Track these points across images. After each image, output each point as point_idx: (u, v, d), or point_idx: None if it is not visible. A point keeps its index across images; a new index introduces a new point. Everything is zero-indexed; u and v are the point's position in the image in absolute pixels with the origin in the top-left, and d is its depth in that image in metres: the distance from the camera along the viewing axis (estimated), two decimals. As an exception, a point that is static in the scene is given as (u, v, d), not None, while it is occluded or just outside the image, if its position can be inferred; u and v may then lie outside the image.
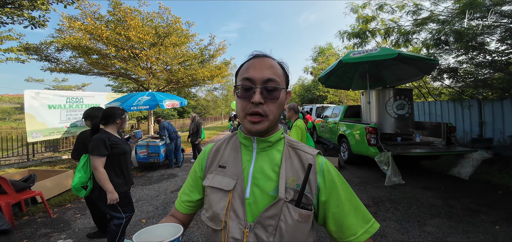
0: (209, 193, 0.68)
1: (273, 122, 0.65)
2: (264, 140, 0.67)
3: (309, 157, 0.66)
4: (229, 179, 0.65)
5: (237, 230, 0.61)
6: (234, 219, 0.61)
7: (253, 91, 0.61)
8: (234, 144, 0.73)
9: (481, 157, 4.29)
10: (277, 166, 0.65)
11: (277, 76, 0.64)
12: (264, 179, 0.64)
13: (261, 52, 0.69)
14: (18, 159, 6.77)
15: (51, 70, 8.59)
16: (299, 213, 0.59)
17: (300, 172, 0.64)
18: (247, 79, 0.62)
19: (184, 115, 24.85)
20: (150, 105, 6.13)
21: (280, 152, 0.68)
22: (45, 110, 6.18)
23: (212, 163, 0.73)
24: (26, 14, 4.62)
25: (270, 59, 0.66)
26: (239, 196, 0.63)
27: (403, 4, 6.61)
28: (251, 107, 0.62)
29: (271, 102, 0.63)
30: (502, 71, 5.54)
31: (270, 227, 0.59)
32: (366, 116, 5.87)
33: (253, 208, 0.62)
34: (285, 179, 0.62)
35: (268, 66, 0.64)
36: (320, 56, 22.43)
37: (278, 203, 0.59)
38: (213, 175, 0.69)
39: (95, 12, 7.92)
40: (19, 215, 3.24)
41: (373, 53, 4.39)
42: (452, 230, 2.70)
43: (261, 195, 0.62)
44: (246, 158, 0.68)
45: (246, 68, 0.65)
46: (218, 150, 0.74)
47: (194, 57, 10.13)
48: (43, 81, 19.00)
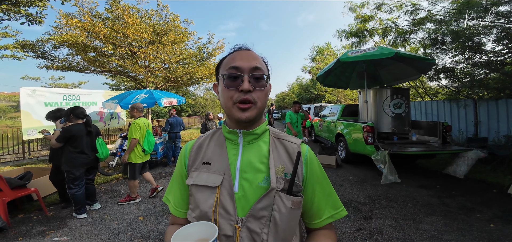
0: (194, 192, 0.65)
1: (261, 109, 0.65)
2: (250, 132, 0.66)
3: (294, 146, 0.68)
4: (216, 175, 0.64)
5: (228, 227, 0.59)
6: (224, 216, 0.60)
7: (241, 80, 0.61)
8: (218, 140, 0.71)
9: (476, 156, 4.34)
10: (265, 157, 0.65)
11: (262, 66, 0.65)
12: (253, 171, 0.63)
13: (244, 45, 0.69)
14: (14, 157, 6.71)
15: (47, 68, 8.51)
16: (291, 201, 0.59)
17: (286, 161, 0.65)
18: (234, 68, 0.62)
19: (182, 114, 24.77)
20: (148, 103, 6.10)
21: (266, 143, 0.68)
22: (41, 108, 6.13)
23: (194, 160, 0.69)
24: (23, 11, 4.58)
25: (254, 52, 0.67)
26: (227, 192, 0.61)
27: (401, 4, 6.66)
28: (240, 96, 0.61)
29: (259, 90, 0.63)
30: (497, 72, 5.60)
31: (263, 218, 0.58)
32: (363, 115, 5.90)
33: (243, 202, 0.61)
34: (274, 169, 0.63)
35: (253, 57, 0.65)
36: (319, 55, 22.46)
37: (271, 193, 0.59)
38: (197, 172, 0.66)
39: (93, 10, 7.85)
40: (14, 213, 3.22)
41: (371, 52, 4.41)
42: (448, 228, 2.73)
43: (251, 188, 0.61)
44: (232, 152, 0.67)
45: (231, 58, 0.64)
46: (200, 146, 0.72)
47: (193, 55, 10.08)
48: (39, 79, 18.88)
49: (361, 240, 2.54)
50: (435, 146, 4.76)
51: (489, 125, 5.85)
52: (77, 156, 3.07)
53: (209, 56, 10.59)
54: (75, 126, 3.11)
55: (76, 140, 3.05)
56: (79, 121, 3.19)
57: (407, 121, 5.33)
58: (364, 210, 3.26)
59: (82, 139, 3.12)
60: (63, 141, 3.00)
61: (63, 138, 2.99)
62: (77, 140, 3.07)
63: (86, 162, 3.15)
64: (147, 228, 2.85)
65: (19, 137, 6.82)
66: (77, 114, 3.19)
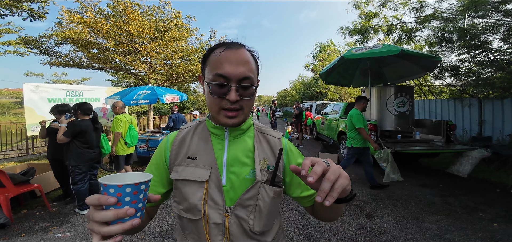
0: (181, 186, 0.66)
1: (247, 114, 0.68)
2: (237, 128, 0.69)
3: (276, 141, 0.73)
4: (202, 169, 0.66)
5: (217, 216, 0.64)
6: (213, 207, 0.64)
7: (229, 89, 0.60)
8: (202, 134, 0.72)
9: (480, 155, 4.29)
10: (250, 152, 0.69)
11: (252, 72, 0.63)
12: (239, 165, 0.67)
13: (232, 41, 0.65)
14: (17, 153, 6.77)
15: (50, 64, 8.54)
16: (274, 191, 0.64)
17: (269, 155, 0.70)
18: (221, 76, 0.60)
19: (184, 111, 24.82)
20: (150, 100, 6.11)
21: (251, 138, 0.72)
22: (44, 104, 6.15)
23: (177, 154, 0.70)
24: (25, 7, 4.58)
25: (245, 51, 0.63)
26: (215, 185, 0.65)
27: (406, 1, 6.55)
28: (227, 104, 0.62)
29: (246, 98, 0.63)
30: (503, 70, 5.51)
31: (249, 206, 0.64)
32: (366, 114, 5.86)
33: (231, 194, 0.65)
34: (259, 163, 0.67)
35: (243, 61, 0.61)
36: (321, 53, 22.29)
37: (256, 185, 0.64)
38: (182, 167, 0.67)
39: (95, 6, 7.83)
40: (17, 209, 3.25)
41: (375, 49, 4.36)
42: (450, 227, 2.71)
43: (238, 181, 0.66)
44: (217, 146, 0.69)
45: (219, 61, 0.60)
46: (183, 140, 0.71)
47: (194, 52, 10.06)
48: (42, 76, 18.98)
49: (363, 238, 2.53)
50: (438, 145, 4.72)
51: (493, 124, 5.78)
52: (85, 151, 3.08)
53: (211, 53, 10.53)
54: (83, 121, 3.12)
55: (84, 135, 3.07)
56: (86, 117, 3.20)
57: (411, 120, 5.28)
58: (366, 208, 3.24)
59: (90, 134, 3.14)
60: (71, 136, 3.00)
61: (71, 133, 2.98)
62: (85, 136, 3.08)
63: (92, 157, 3.17)
64: (149, 224, 2.87)
65: (23, 133, 6.88)
66: (84, 111, 3.19)
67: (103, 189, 0.43)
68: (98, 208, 0.43)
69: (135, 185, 0.44)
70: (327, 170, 0.45)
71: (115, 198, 0.42)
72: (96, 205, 0.43)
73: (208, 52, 0.66)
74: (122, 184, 0.43)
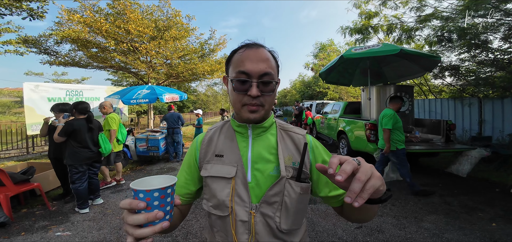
0: (210, 183, 0.69)
1: (268, 110, 0.69)
2: (259, 125, 0.71)
3: (300, 137, 0.73)
4: (229, 166, 0.68)
5: (243, 213, 0.65)
6: (239, 203, 0.65)
7: (250, 85, 0.63)
8: (227, 133, 0.75)
9: (480, 155, 4.29)
10: (273, 148, 0.70)
11: (272, 68, 0.66)
12: (263, 162, 0.68)
13: (253, 41, 0.69)
14: (18, 152, 6.78)
15: (50, 63, 8.54)
16: (300, 187, 0.64)
17: (294, 151, 0.70)
18: (243, 72, 0.63)
19: (184, 110, 24.83)
20: (149, 99, 6.12)
21: (274, 135, 0.73)
22: (44, 103, 6.16)
23: (206, 153, 0.73)
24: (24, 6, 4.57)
25: (264, 50, 0.67)
26: (241, 182, 0.66)
27: (406, 0, 6.54)
28: (249, 100, 0.64)
29: (267, 94, 0.66)
30: (504, 70, 5.50)
31: (275, 203, 0.64)
32: (366, 113, 5.86)
33: (256, 190, 0.66)
34: (283, 159, 0.67)
35: (263, 58, 0.65)
36: (321, 52, 22.26)
37: (281, 181, 0.64)
38: (211, 165, 0.70)
39: (94, 5, 7.83)
40: (17, 208, 3.26)
41: (375, 49, 4.35)
42: (449, 226, 2.71)
43: (262, 177, 0.67)
44: (242, 144, 0.71)
45: (240, 60, 0.65)
46: (211, 139, 0.76)
47: (194, 51, 10.05)
48: (42, 75, 19.00)
49: (362, 237, 2.53)
50: (438, 144, 4.71)
51: (493, 124, 5.78)
52: (80, 150, 3.09)
53: (210, 52, 10.54)
54: (76, 120, 3.13)
55: (77, 135, 3.08)
56: (81, 116, 3.21)
57: (411, 119, 5.28)
58: (365, 208, 3.24)
59: (84, 133, 3.14)
60: (64, 135, 3.02)
61: (64, 132, 3.01)
62: (79, 135, 3.09)
63: (88, 156, 3.17)
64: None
65: (23, 132, 6.89)
66: (80, 110, 3.21)
67: (134, 194, 0.46)
68: (131, 212, 0.46)
69: (162, 189, 0.46)
70: (357, 169, 0.42)
71: (145, 203, 0.45)
72: (128, 209, 0.45)
73: (231, 53, 0.70)
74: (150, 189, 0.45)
